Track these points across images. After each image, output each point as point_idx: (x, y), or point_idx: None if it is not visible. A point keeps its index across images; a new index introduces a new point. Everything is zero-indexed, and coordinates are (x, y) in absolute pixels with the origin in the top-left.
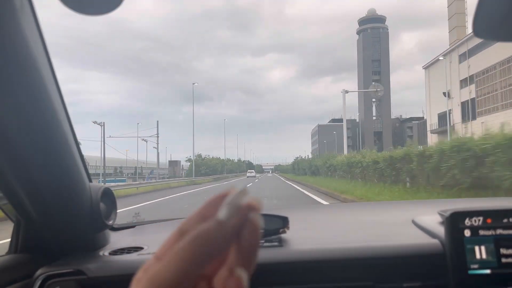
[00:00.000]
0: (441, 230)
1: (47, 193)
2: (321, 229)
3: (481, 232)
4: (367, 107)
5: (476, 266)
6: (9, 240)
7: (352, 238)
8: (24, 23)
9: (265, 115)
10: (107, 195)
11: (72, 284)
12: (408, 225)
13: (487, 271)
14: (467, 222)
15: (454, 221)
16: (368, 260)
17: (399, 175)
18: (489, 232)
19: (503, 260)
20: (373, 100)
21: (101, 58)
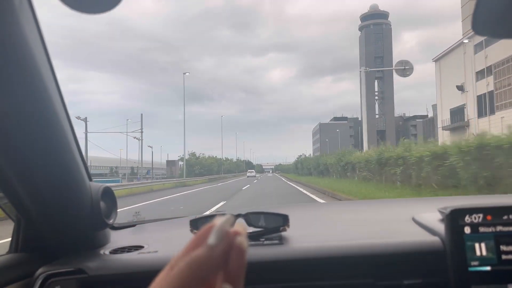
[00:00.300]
0: (441, 227)
1: (48, 192)
2: (321, 227)
3: (481, 229)
4: (370, 105)
5: (476, 263)
6: (10, 239)
7: (353, 236)
8: (23, 22)
9: (266, 115)
10: (108, 194)
11: (73, 283)
12: (408, 223)
13: (487, 268)
14: (467, 219)
15: (454, 218)
16: (369, 258)
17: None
18: (489, 229)
19: (503, 257)
20: (376, 98)
21: (101, 58)
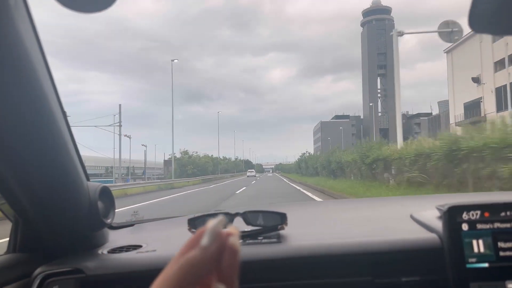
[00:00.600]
0: (439, 225)
1: (45, 192)
2: (320, 225)
3: (479, 226)
4: (373, 102)
5: (474, 260)
6: (7, 240)
7: (350, 234)
8: (19, 22)
9: (266, 115)
10: (105, 194)
11: (71, 283)
12: (406, 220)
13: (485, 265)
14: (465, 216)
15: (452, 215)
16: (367, 255)
17: None
18: (487, 226)
19: (501, 254)
20: (379, 96)
21: (101, 58)
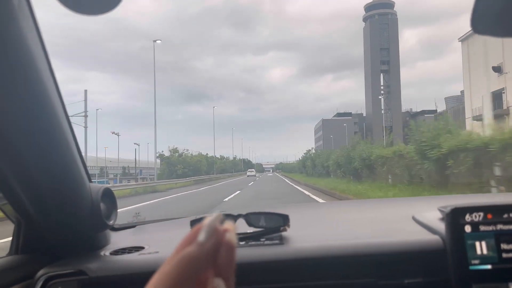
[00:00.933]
0: (442, 226)
1: (47, 194)
2: (322, 227)
3: (482, 228)
4: (376, 100)
5: (477, 262)
6: (10, 240)
7: (353, 235)
8: (22, 22)
9: (266, 114)
10: (108, 195)
11: (74, 284)
12: (409, 222)
13: (488, 267)
14: (468, 218)
15: (455, 217)
16: (370, 257)
17: None
18: (490, 228)
19: (504, 255)
20: (382, 93)
21: (101, 58)
